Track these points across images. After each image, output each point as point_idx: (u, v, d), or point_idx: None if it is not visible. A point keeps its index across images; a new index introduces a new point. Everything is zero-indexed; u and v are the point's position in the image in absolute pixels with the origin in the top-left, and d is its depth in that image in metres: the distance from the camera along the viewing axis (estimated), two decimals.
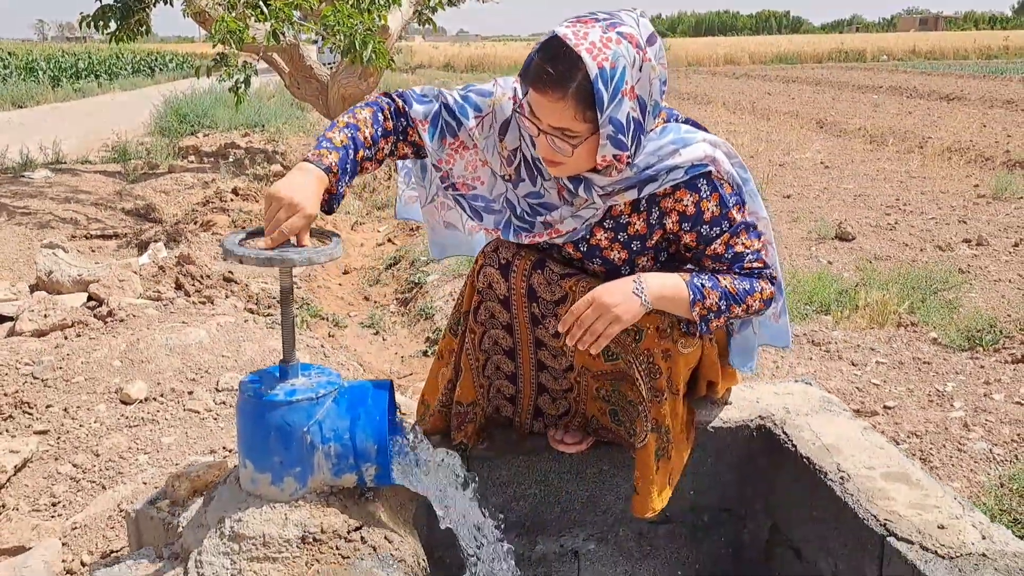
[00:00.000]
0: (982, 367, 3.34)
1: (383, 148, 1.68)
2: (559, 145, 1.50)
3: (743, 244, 1.64)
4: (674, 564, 2.05)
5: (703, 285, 1.60)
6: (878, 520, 1.59)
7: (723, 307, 1.61)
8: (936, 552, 1.49)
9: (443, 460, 1.60)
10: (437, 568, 1.76)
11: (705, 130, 1.66)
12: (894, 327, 3.88)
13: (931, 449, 2.68)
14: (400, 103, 1.70)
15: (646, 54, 1.46)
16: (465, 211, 1.75)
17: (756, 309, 1.66)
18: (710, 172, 1.59)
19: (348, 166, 1.59)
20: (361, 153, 1.62)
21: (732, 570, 2.07)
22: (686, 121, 1.65)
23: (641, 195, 1.59)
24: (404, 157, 1.75)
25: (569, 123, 1.46)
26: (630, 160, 1.54)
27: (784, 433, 1.92)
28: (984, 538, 1.53)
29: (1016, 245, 5.44)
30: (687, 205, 1.60)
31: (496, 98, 1.68)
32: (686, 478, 1.89)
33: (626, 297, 1.55)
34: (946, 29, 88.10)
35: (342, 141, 1.60)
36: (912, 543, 1.52)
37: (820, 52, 39.56)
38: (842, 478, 1.73)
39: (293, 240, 1.48)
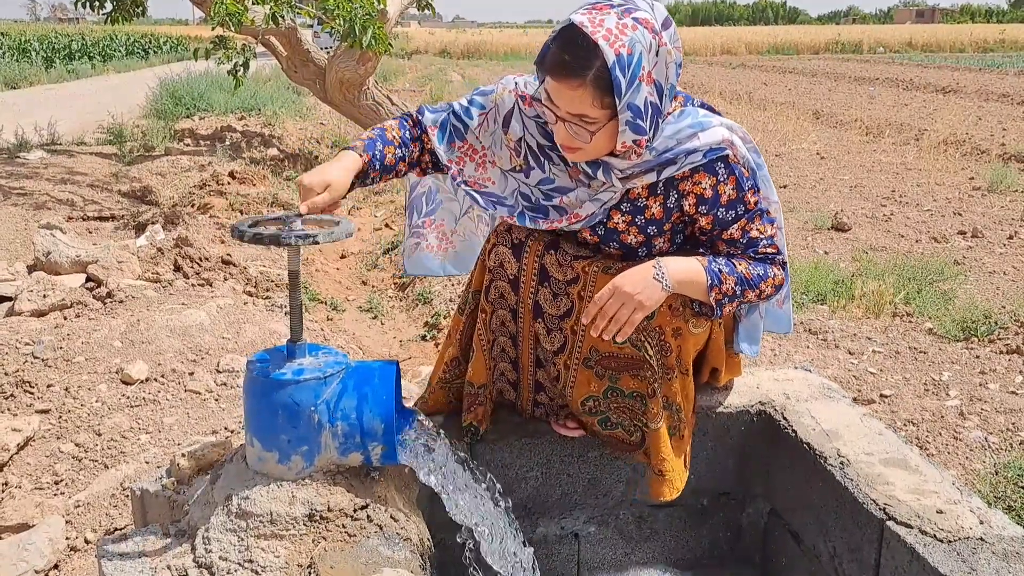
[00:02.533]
0: (977, 357, 3.36)
1: (414, 152, 1.76)
2: (577, 132, 1.51)
3: (758, 230, 1.66)
4: (673, 547, 2.07)
5: (720, 270, 1.62)
6: (877, 504, 1.61)
7: (738, 292, 1.63)
8: (935, 536, 1.51)
9: (447, 447, 1.62)
10: (439, 550, 1.78)
11: (720, 115, 1.67)
12: (890, 317, 3.90)
13: (927, 437, 2.71)
14: (417, 116, 1.79)
15: (662, 38, 1.47)
16: (478, 203, 1.75)
17: (768, 295, 1.69)
18: (728, 155, 1.60)
19: (377, 153, 1.68)
20: (391, 149, 1.71)
21: (731, 554, 2.09)
22: (702, 105, 1.66)
23: (660, 178, 1.60)
24: (426, 168, 1.81)
25: (587, 110, 1.47)
26: (649, 144, 1.55)
27: (784, 419, 1.93)
28: (982, 523, 1.55)
29: (1011, 237, 5.47)
30: (705, 188, 1.61)
31: (497, 94, 1.73)
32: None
33: (647, 284, 1.57)
34: (943, 21, 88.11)
35: (369, 136, 1.71)
36: (911, 527, 1.54)
37: (817, 43, 39.59)
38: (842, 463, 1.75)
39: (299, 225, 1.50)
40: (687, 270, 1.60)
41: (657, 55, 1.46)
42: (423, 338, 3.80)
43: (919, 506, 1.59)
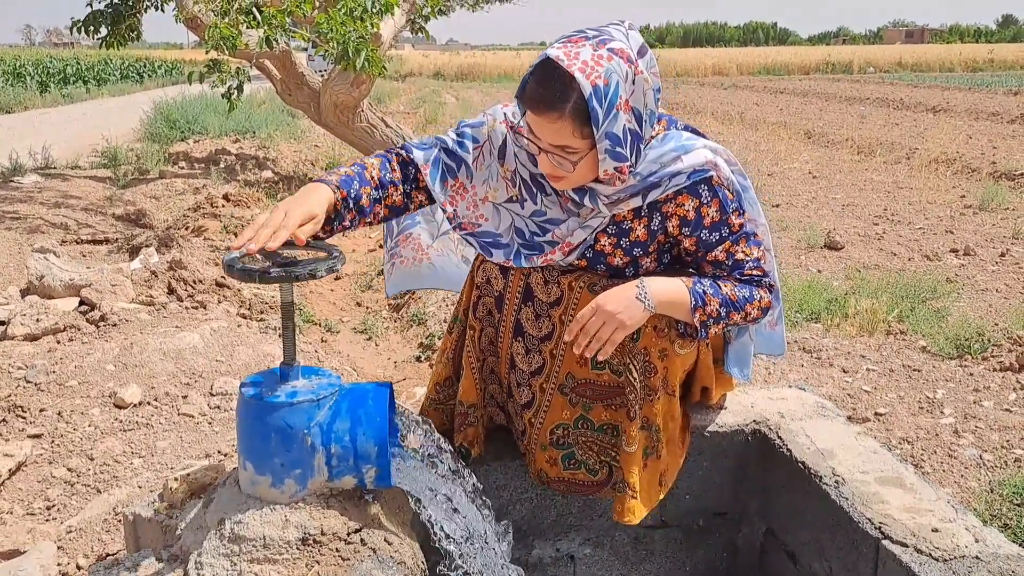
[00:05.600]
0: (971, 375, 3.37)
1: (392, 195, 1.68)
2: (560, 162, 1.53)
3: (743, 252, 1.67)
4: (669, 568, 2.06)
5: (705, 292, 1.62)
6: (873, 524, 1.60)
7: (723, 314, 1.63)
8: (930, 555, 1.51)
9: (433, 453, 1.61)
10: (433, 572, 1.77)
11: (705, 137, 1.68)
12: (884, 335, 3.91)
13: (922, 455, 2.71)
14: (404, 153, 1.73)
15: (637, 67, 1.49)
16: (475, 248, 1.75)
17: (754, 317, 1.69)
18: (711, 177, 1.61)
19: (352, 191, 1.60)
20: (367, 190, 1.63)
21: (727, 574, 2.09)
22: (686, 128, 1.68)
23: (645, 202, 1.61)
24: (421, 205, 1.76)
25: (568, 140, 1.50)
26: (632, 169, 1.56)
27: (779, 437, 1.93)
28: (977, 541, 1.55)
29: (1002, 255, 5.50)
30: (688, 210, 1.62)
31: (489, 126, 1.72)
32: (682, 482, 1.91)
33: (630, 303, 1.57)
34: (932, 42, 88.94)
35: (347, 172, 1.64)
36: (907, 546, 1.54)
37: (807, 63, 39.91)
38: (837, 482, 1.75)
39: (296, 254, 1.48)
40: (670, 290, 1.61)
41: (634, 83, 1.49)
42: (418, 359, 3.80)
43: (914, 525, 1.59)
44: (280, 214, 1.47)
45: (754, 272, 1.68)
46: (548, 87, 1.46)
